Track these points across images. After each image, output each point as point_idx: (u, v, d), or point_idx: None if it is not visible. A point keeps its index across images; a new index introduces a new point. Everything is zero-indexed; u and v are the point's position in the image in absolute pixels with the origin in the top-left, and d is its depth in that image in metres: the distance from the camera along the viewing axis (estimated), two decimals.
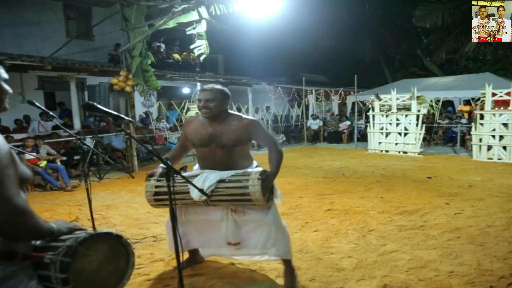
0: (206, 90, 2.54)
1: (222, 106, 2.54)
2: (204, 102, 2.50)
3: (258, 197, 2.35)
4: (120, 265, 1.32)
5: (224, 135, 2.52)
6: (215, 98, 2.51)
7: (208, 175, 2.50)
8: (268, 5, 6.58)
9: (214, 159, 2.59)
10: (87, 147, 3.74)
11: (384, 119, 10.51)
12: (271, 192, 2.55)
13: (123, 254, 1.34)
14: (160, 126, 11.65)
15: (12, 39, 10.24)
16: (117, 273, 1.31)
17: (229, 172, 2.51)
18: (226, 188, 2.42)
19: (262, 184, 2.36)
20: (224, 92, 2.58)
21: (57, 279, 1.13)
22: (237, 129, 2.53)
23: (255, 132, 2.57)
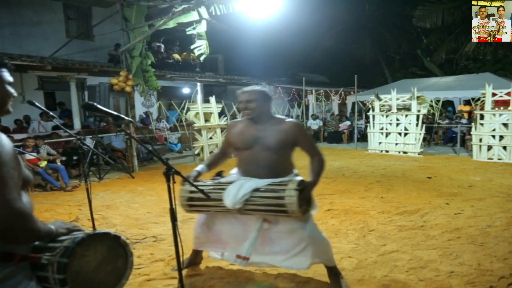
0: (245, 92, 2.49)
1: (263, 106, 2.47)
2: (245, 104, 2.46)
3: (294, 209, 2.22)
4: (118, 265, 1.32)
5: (269, 136, 2.44)
6: (255, 98, 2.45)
7: (244, 183, 2.41)
8: (268, 5, 6.58)
9: (258, 162, 2.48)
10: (87, 147, 3.74)
11: (384, 119, 10.50)
12: (308, 204, 2.43)
13: (121, 254, 1.34)
14: (160, 126, 11.65)
15: (12, 39, 10.24)
16: (116, 274, 1.31)
17: (266, 181, 2.40)
18: (261, 198, 2.32)
19: (299, 195, 2.24)
20: (265, 93, 2.51)
21: (55, 279, 1.13)
22: (282, 131, 2.43)
23: (299, 135, 2.47)
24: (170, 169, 1.83)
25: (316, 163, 2.50)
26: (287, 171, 2.53)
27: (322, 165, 2.50)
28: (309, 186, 2.41)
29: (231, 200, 2.32)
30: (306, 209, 2.38)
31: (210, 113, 9.80)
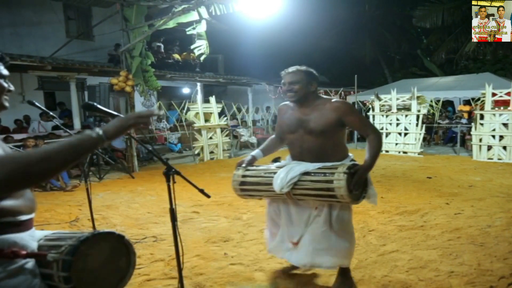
0: (289, 73, 2.38)
1: (308, 88, 2.35)
2: (288, 85, 2.37)
3: (343, 193, 2.12)
4: (121, 264, 1.33)
5: (312, 119, 2.33)
6: (300, 80, 2.34)
7: (293, 166, 2.33)
8: (268, 5, 6.58)
9: (302, 146, 2.40)
10: None
11: (384, 119, 10.50)
12: (363, 189, 2.31)
13: (124, 254, 1.34)
14: (160, 126, 11.66)
15: (12, 39, 10.24)
16: (119, 273, 1.32)
17: (316, 165, 2.30)
18: (310, 182, 2.23)
19: (348, 178, 2.12)
20: (310, 73, 2.38)
21: (59, 277, 1.14)
22: (326, 113, 2.30)
23: (345, 114, 2.29)
24: (170, 169, 1.83)
25: (371, 141, 2.31)
26: (339, 156, 2.40)
27: (377, 144, 2.30)
28: (362, 169, 2.24)
29: (279, 183, 2.26)
30: (358, 195, 2.25)
31: (210, 113, 9.80)
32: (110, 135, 1.13)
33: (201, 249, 3.41)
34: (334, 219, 2.37)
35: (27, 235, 1.19)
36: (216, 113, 9.90)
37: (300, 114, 2.40)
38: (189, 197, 5.34)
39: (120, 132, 1.17)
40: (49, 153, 1.01)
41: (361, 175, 2.22)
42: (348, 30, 20.44)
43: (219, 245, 3.50)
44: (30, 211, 1.23)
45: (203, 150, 9.55)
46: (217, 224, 4.20)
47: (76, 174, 7.73)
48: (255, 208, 4.83)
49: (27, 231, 1.20)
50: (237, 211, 4.71)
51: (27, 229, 1.20)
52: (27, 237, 1.19)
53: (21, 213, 1.17)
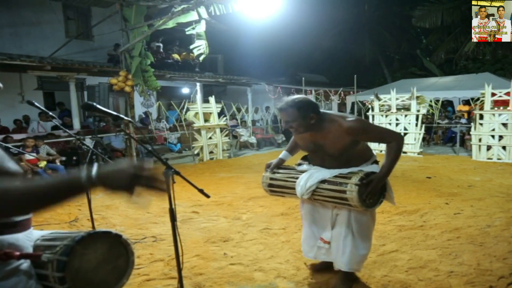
0: (282, 111, 2.32)
1: (306, 121, 2.27)
2: (285, 124, 2.33)
3: (356, 203, 2.20)
4: (119, 264, 1.31)
5: (327, 145, 2.35)
6: (295, 118, 2.27)
7: (313, 173, 2.40)
8: (267, 5, 6.58)
9: (324, 163, 2.45)
10: (87, 147, 3.74)
11: (383, 119, 10.51)
12: (380, 195, 2.37)
13: (122, 253, 1.33)
14: (160, 126, 11.65)
15: (12, 39, 10.23)
16: (117, 272, 1.30)
17: (334, 172, 2.36)
18: (326, 190, 2.33)
19: (359, 189, 2.18)
20: (302, 107, 2.26)
21: (54, 278, 1.13)
22: (340, 136, 2.28)
23: (360, 135, 2.30)
24: (170, 169, 1.83)
25: (390, 149, 2.33)
26: (361, 160, 2.44)
27: (395, 150, 2.31)
28: (376, 179, 2.26)
29: (300, 191, 2.38)
30: (373, 202, 2.32)
31: (210, 113, 9.80)
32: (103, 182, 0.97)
33: (201, 249, 3.41)
34: (352, 220, 2.43)
35: (23, 236, 1.17)
36: (216, 113, 9.89)
37: (314, 138, 2.40)
38: (189, 197, 5.34)
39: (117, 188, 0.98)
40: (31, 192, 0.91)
41: (375, 185, 2.25)
42: (347, 30, 20.45)
43: (218, 245, 3.50)
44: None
45: (203, 150, 9.55)
46: (216, 224, 4.20)
47: None
48: (255, 208, 4.83)
49: (24, 231, 1.18)
50: (237, 211, 4.71)
51: (24, 229, 1.18)
52: (24, 237, 1.17)
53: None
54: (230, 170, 8.18)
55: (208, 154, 9.65)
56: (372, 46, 20.72)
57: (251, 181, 6.69)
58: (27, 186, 0.91)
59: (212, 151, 9.82)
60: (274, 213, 4.52)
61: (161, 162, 1.84)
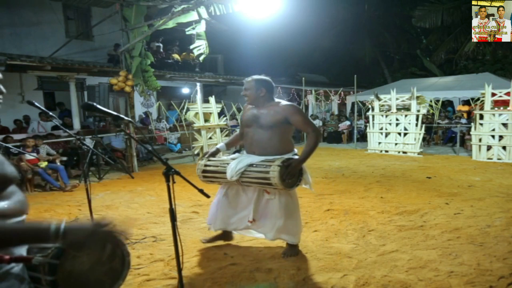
0: (245, 81, 2.99)
1: (259, 93, 2.90)
2: (244, 91, 2.97)
3: (277, 182, 2.63)
4: (114, 265, 1.28)
5: (264, 116, 2.86)
6: (250, 86, 2.92)
7: (243, 159, 2.87)
8: (267, 5, 6.58)
9: (253, 138, 2.93)
10: (87, 147, 3.74)
11: (383, 119, 10.51)
12: (297, 178, 2.81)
13: (117, 254, 1.29)
14: (160, 126, 11.65)
15: (12, 40, 10.23)
16: (112, 274, 1.27)
17: (261, 158, 2.82)
18: (254, 172, 2.76)
19: (280, 170, 2.63)
20: (260, 81, 2.93)
21: (46, 281, 1.12)
22: (275, 112, 2.83)
23: (291, 114, 2.81)
24: (170, 169, 1.83)
25: (308, 139, 2.82)
26: (283, 150, 2.89)
27: (314, 141, 2.78)
28: (295, 162, 2.73)
29: (230, 173, 2.81)
30: (292, 183, 2.76)
31: (210, 113, 9.80)
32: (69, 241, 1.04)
33: (201, 249, 3.41)
34: (283, 203, 2.92)
35: None
36: (216, 113, 9.89)
37: (255, 112, 2.95)
38: (189, 197, 5.34)
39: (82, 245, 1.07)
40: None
41: (294, 167, 2.71)
42: (347, 30, 20.44)
43: (219, 245, 3.50)
44: (20, 214, 1.19)
45: (203, 150, 9.54)
46: None
47: (75, 174, 7.73)
48: None
49: None
50: None
51: None
52: None
53: (9, 216, 1.13)
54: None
55: None
56: (372, 46, 20.71)
57: None
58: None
59: None
60: None
61: (161, 162, 1.84)
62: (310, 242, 3.52)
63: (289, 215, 2.95)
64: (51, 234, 1.02)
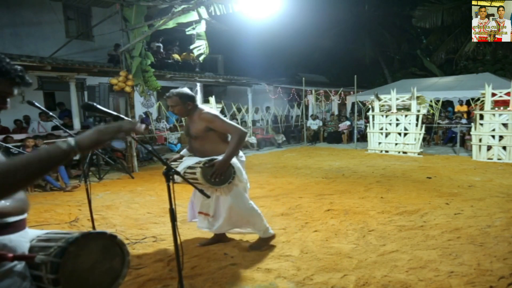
0: (168, 98, 3.10)
1: (185, 107, 3.09)
2: (171, 108, 3.14)
3: (201, 181, 2.86)
4: (114, 264, 1.30)
5: (191, 128, 3.12)
6: (176, 103, 3.08)
7: (185, 161, 3.14)
8: (267, 5, 6.57)
9: (193, 146, 3.21)
10: None
11: (384, 119, 10.50)
12: (228, 177, 2.96)
13: (118, 254, 1.32)
14: (160, 127, 11.65)
15: (12, 40, 10.23)
16: (112, 273, 1.29)
17: (196, 159, 3.05)
18: (188, 173, 2.97)
19: (202, 171, 2.86)
20: (183, 95, 3.07)
21: (48, 279, 1.13)
22: (197, 122, 3.06)
23: (209, 121, 3.02)
24: (170, 169, 1.83)
25: (231, 140, 3.00)
26: (217, 153, 3.04)
27: (235, 141, 2.95)
28: (218, 162, 2.91)
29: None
30: (219, 182, 2.92)
31: None
32: (83, 147, 1.06)
33: (201, 249, 3.41)
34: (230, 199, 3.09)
35: (17, 237, 1.17)
36: None
37: (188, 123, 3.20)
38: (189, 197, 5.31)
39: (95, 145, 1.09)
40: (16, 167, 0.94)
41: (218, 167, 2.89)
42: (347, 30, 20.44)
43: (219, 245, 3.50)
44: (21, 212, 1.20)
45: None
46: None
47: (76, 174, 7.73)
48: None
49: (17, 232, 1.18)
50: None
51: (17, 230, 1.18)
52: (18, 238, 1.17)
53: (9, 214, 1.15)
54: None
55: None
56: (372, 46, 20.71)
57: (251, 181, 6.64)
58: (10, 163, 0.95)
59: None
60: (274, 213, 4.52)
61: (161, 162, 1.84)
62: (310, 242, 3.52)
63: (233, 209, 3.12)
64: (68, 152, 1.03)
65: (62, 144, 1.03)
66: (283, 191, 5.62)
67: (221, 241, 3.49)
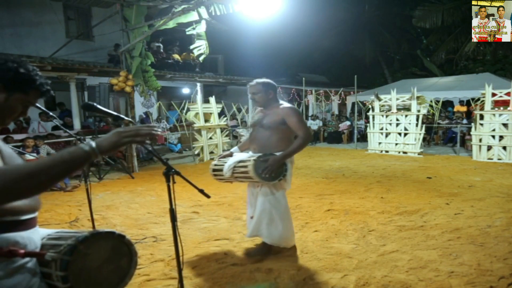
0: (251, 86, 3.12)
1: (266, 95, 3.08)
2: (252, 95, 3.14)
3: (252, 175, 2.84)
4: (122, 264, 1.33)
5: (267, 117, 3.04)
6: (258, 90, 3.07)
7: (235, 156, 3.14)
8: (268, 5, 6.57)
9: (255, 136, 3.12)
10: None
11: (384, 119, 10.50)
12: (280, 174, 2.90)
13: (125, 254, 1.34)
14: (160, 127, 11.65)
15: (12, 40, 10.24)
16: (119, 272, 1.32)
17: (250, 155, 3.05)
18: (239, 167, 2.99)
19: (254, 164, 2.83)
20: (266, 84, 3.09)
21: (57, 276, 1.15)
22: (276, 113, 3.00)
23: (288, 116, 2.96)
24: (170, 169, 1.83)
25: (297, 140, 2.94)
26: (280, 148, 2.97)
27: (300, 143, 2.91)
28: (274, 158, 2.85)
29: (225, 169, 3.06)
30: (269, 178, 2.86)
31: (210, 113, 9.80)
32: (104, 150, 1.09)
33: (201, 249, 3.41)
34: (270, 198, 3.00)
35: (28, 234, 1.19)
36: (216, 113, 9.90)
37: (262, 113, 3.14)
38: (189, 197, 5.34)
39: (115, 147, 1.13)
40: (40, 168, 0.97)
41: (271, 163, 2.83)
42: (348, 30, 20.44)
43: (219, 245, 3.50)
44: (32, 210, 1.23)
45: (203, 150, 9.55)
46: (217, 224, 4.20)
47: (76, 175, 7.73)
48: None
49: (29, 229, 1.20)
50: (237, 211, 4.71)
51: (29, 228, 1.20)
52: (29, 235, 1.19)
53: (22, 212, 1.17)
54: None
55: (208, 155, 9.65)
56: (373, 46, 20.71)
57: None
58: (36, 165, 0.99)
59: (212, 152, 9.82)
60: None
61: (161, 162, 1.84)
62: (311, 242, 3.52)
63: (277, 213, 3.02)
64: (90, 154, 1.06)
65: (84, 146, 1.06)
66: None
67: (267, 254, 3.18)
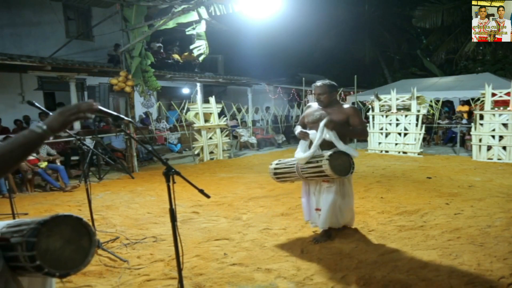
0: (317, 87, 3.37)
1: (330, 96, 3.35)
2: (317, 96, 3.37)
3: (330, 173, 3.04)
4: (83, 244, 1.44)
5: (331, 115, 3.26)
6: (324, 91, 3.33)
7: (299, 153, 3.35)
8: (267, 5, 6.58)
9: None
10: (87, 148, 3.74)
11: (384, 119, 10.51)
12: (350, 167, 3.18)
13: (85, 234, 1.45)
14: (160, 127, 11.65)
15: (12, 40, 10.23)
16: (81, 252, 1.43)
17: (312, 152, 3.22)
18: (308, 168, 3.21)
19: (330, 163, 3.04)
20: (331, 86, 3.37)
21: (25, 257, 1.24)
22: (341, 112, 3.30)
23: (352, 116, 3.28)
24: (170, 169, 1.83)
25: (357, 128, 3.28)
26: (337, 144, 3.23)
27: (359, 132, 3.31)
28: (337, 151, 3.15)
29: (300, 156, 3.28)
30: (344, 172, 3.13)
31: (210, 113, 9.80)
32: (55, 129, 1.19)
33: (201, 249, 3.41)
34: (340, 191, 3.33)
35: None
36: (216, 114, 9.90)
37: (323, 111, 3.36)
38: (189, 197, 5.34)
39: (64, 125, 1.22)
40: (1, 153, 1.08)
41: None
42: (348, 30, 20.43)
43: (219, 245, 3.50)
44: None
45: (203, 150, 9.55)
46: (217, 224, 4.20)
47: (76, 175, 7.73)
48: (255, 208, 4.83)
49: None
50: (237, 211, 4.71)
51: None
52: None
53: None
54: (230, 171, 8.19)
55: (208, 155, 9.66)
56: (372, 46, 20.70)
57: (251, 182, 6.69)
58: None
59: (212, 152, 9.82)
60: (275, 213, 4.53)
61: (161, 162, 1.84)
62: (311, 242, 3.52)
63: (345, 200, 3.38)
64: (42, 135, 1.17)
65: (37, 129, 1.16)
66: (283, 191, 5.62)
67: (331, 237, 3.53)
